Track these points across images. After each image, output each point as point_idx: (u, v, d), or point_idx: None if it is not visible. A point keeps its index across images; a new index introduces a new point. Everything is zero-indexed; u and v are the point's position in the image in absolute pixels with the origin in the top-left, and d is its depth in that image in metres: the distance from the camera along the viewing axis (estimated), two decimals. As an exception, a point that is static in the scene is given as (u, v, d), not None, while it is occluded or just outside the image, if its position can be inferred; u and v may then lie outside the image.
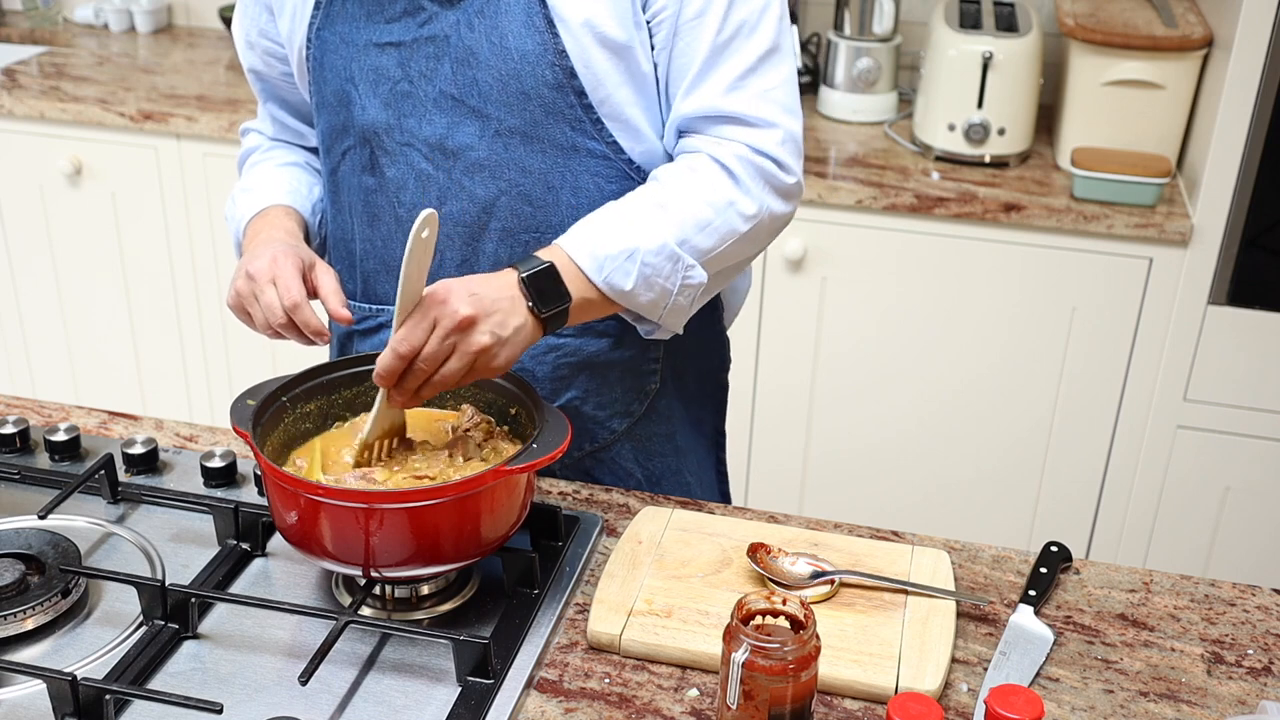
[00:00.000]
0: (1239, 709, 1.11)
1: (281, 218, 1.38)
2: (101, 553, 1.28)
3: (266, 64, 1.44)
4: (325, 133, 1.38)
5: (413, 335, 1.14)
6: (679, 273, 1.26)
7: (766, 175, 1.29)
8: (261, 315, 1.24)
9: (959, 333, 2.45)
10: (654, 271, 1.24)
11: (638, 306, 1.27)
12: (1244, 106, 2.20)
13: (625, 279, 1.23)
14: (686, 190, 1.26)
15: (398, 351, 1.14)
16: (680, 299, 1.28)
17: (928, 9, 2.76)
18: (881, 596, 1.21)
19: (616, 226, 1.24)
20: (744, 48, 1.27)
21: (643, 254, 1.23)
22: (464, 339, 1.15)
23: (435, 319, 1.14)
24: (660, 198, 1.26)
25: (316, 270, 1.27)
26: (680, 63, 1.28)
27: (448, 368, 1.15)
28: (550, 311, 1.20)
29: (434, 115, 1.30)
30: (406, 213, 1.35)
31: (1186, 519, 2.48)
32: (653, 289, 1.25)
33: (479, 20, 1.26)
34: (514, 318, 1.17)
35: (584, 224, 1.25)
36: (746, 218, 1.28)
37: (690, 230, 1.25)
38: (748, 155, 1.28)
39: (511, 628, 1.16)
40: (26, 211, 2.88)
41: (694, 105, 1.28)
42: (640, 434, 1.45)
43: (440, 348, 1.14)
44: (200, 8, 3.29)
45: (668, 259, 1.25)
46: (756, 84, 1.28)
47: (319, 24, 1.33)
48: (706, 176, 1.27)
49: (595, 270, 1.23)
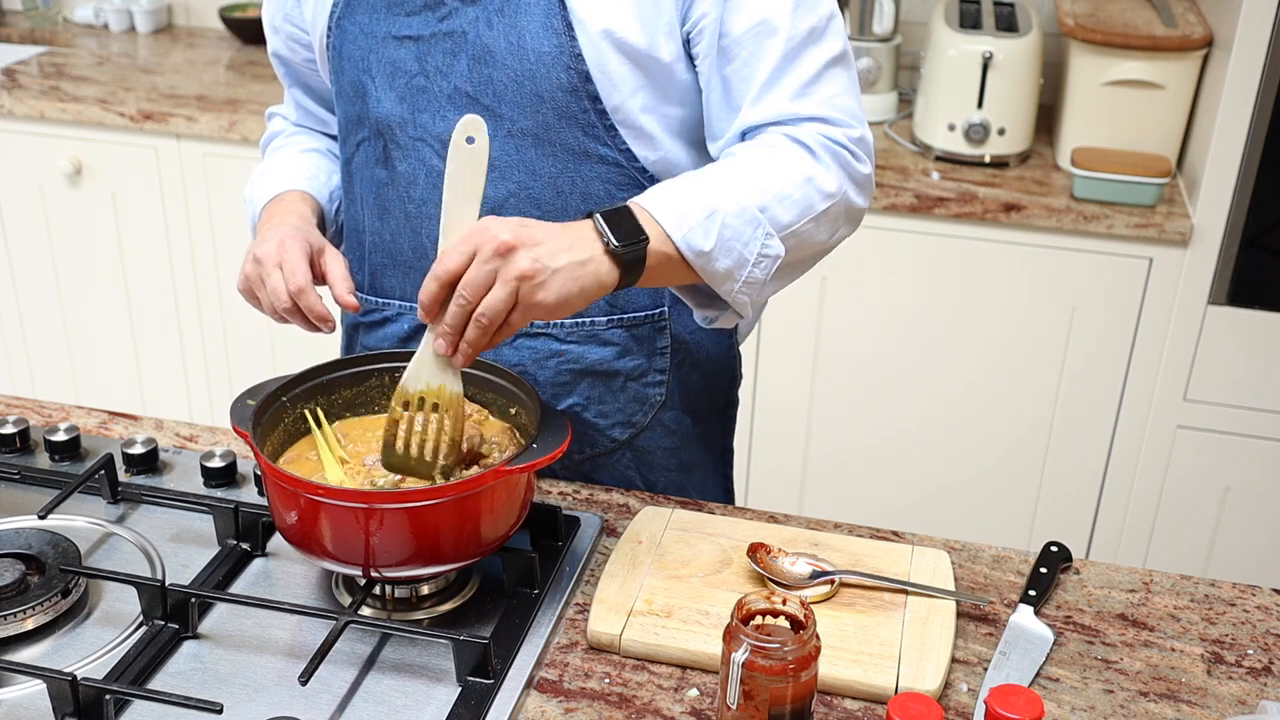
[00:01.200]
0: (1239, 709, 1.11)
1: (296, 203, 1.38)
2: (101, 553, 1.28)
3: (290, 49, 1.44)
4: (342, 123, 1.39)
5: (450, 259, 1.08)
6: (758, 239, 1.21)
7: (842, 160, 1.26)
8: (268, 299, 1.24)
9: (959, 333, 2.45)
10: (734, 235, 1.19)
11: (714, 274, 1.21)
12: (1244, 106, 2.20)
13: (705, 238, 1.18)
14: (766, 163, 1.23)
15: (434, 273, 1.08)
16: (756, 270, 1.22)
17: (928, 9, 2.76)
18: (881, 596, 1.21)
19: (695, 187, 1.20)
20: (812, 55, 1.25)
21: (723, 215, 1.19)
22: (505, 264, 1.07)
23: (476, 244, 1.09)
24: (739, 167, 1.22)
25: (325, 256, 1.26)
26: (746, 73, 1.25)
27: (492, 297, 1.07)
28: (627, 247, 1.13)
29: (448, 112, 1.30)
30: (416, 208, 1.35)
31: (1186, 519, 2.48)
32: (730, 254, 1.20)
33: (498, 18, 1.26)
34: (567, 254, 1.10)
35: (661, 186, 1.21)
36: (825, 195, 1.24)
37: (771, 199, 1.21)
38: (824, 140, 1.25)
39: (511, 628, 1.16)
40: (26, 211, 2.88)
41: (762, 113, 1.26)
42: (643, 445, 1.44)
43: (480, 273, 1.07)
44: (200, 8, 3.29)
45: (748, 223, 1.20)
46: (823, 91, 1.26)
47: (340, 13, 1.33)
48: (785, 152, 1.24)
49: (675, 225, 1.17)
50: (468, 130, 1.06)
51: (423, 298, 1.09)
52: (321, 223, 1.42)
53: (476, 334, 1.10)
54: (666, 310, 1.39)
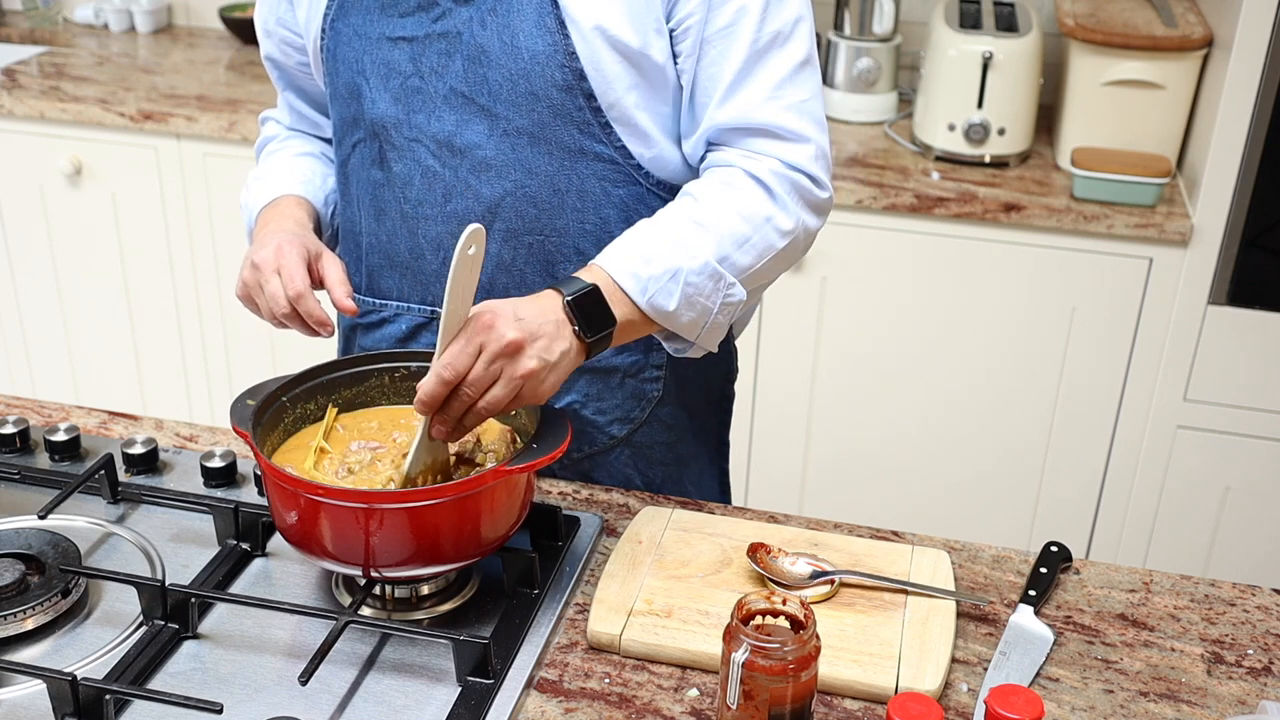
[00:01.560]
0: (1239, 709, 1.11)
1: (292, 207, 1.38)
2: (101, 553, 1.28)
3: (283, 53, 1.44)
4: (337, 124, 1.39)
5: (458, 360, 1.10)
6: (720, 291, 1.24)
7: (801, 190, 1.28)
8: (266, 305, 1.24)
9: (959, 333, 2.45)
10: (696, 291, 1.23)
11: (678, 326, 1.25)
12: (1244, 106, 2.20)
13: (669, 299, 1.22)
14: (724, 207, 1.24)
15: (442, 377, 1.10)
16: (720, 317, 1.26)
17: (928, 9, 2.76)
18: (881, 596, 1.21)
19: (657, 245, 1.22)
20: (778, 58, 1.26)
21: (686, 273, 1.21)
22: (511, 364, 1.12)
23: (481, 344, 1.10)
24: (697, 214, 1.24)
25: (323, 260, 1.27)
26: (712, 71, 1.26)
27: (493, 393, 1.12)
28: (595, 336, 1.18)
29: (443, 112, 1.30)
30: (412, 209, 1.35)
31: (1186, 519, 2.48)
32: (694, 308, 1.24)
33: (491, 18, 1.26)
34: (559, 342, 1.15)
35: (622, 243, 1.23)
36: (784, 233, 1.27)
37: (730, 247, 1.24)
38: (782, 170, 1.27)
39: (511, 628, 1.16)
40: (26, 211, 2.88)
41: (728, 115, 1.27)
42: (640, 441, 1.45)
43: (486, 373, 1.11)
44: (200, 8, 3.29)
45: (710, 277, 1.23)
46: (790, 95, 1.27)
47: (333, 15, 1.33)
48: (743, 192, 1.25)
49: (639, 291, 1.21)
50: (471, 241, 1.07)
51: (424, 398, 1.11)
52: (317, 227, 1.42)
53: (474, 421, 1.14)
54: None
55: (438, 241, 1.35)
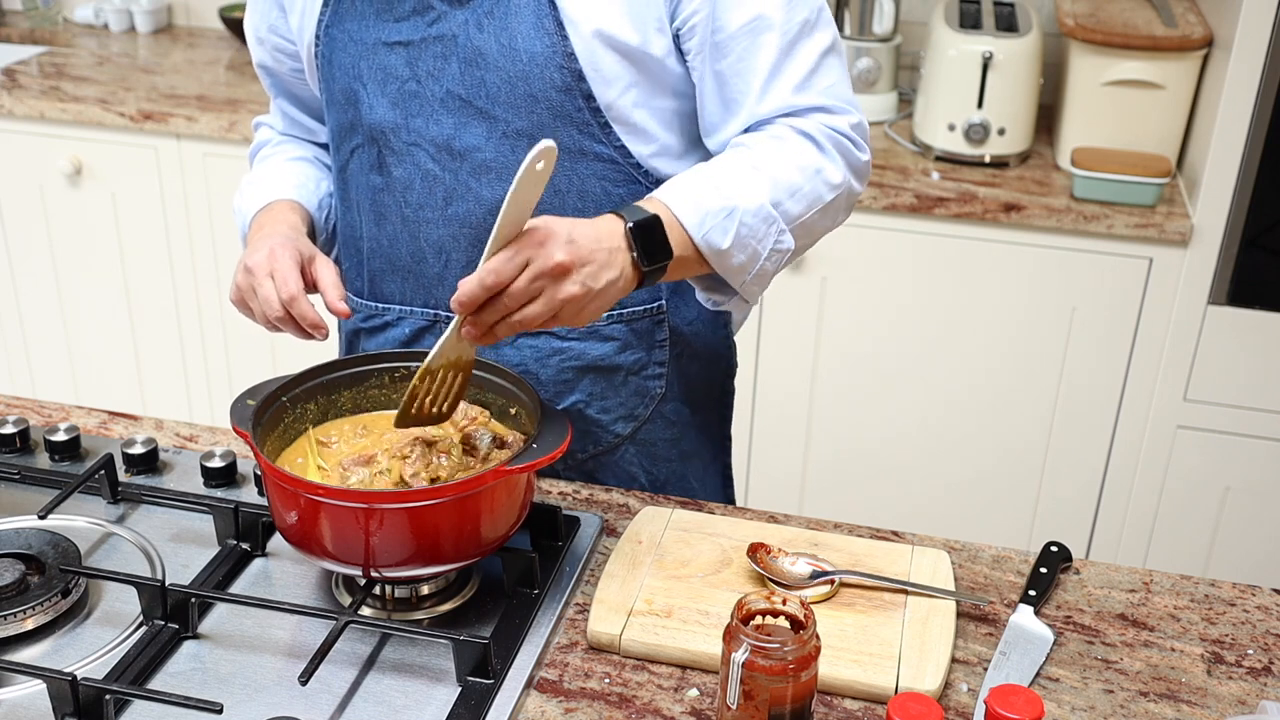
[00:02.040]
0: (1239, 709, 1.11)
1: (285, 212, 1.38)
2: (101, 553, 1.28)
3: (276, 60, 1.44)
4: (334, 130, 1.38)
5: (503, 269, 1.08)
6: (772, 235, 1.24)
7: (844, 150, 1.29)
8: (260, 308, 1.24)
9: (959, 333, 2.45)
10: (750, 232, 1.22)
11: (728, 269, 1.24)
12: (1244, 106, 2.20)
13: (723, 237, 1.21)
14: (776, 156, 1.25)
15: (484, 282, 1.08)
16: (768, 264, 1.26)
17: (928, 9, 2.76)
18: (881, 596, 1.21)
19: (714, 184, 1.22)
20: (807, 47, 1.27)
21: (741, 213, 1.21)
22: (554, 285, 1.10)
23: (529, 258, 1.09)
24: (753, 160, 1.24)
25: (316, 263, 1.27)
26: (743, 66, 1.27)
27: (530, 310, 1.10)
28: (652, 266, 1.17)
29: (441, 116, 1.30)
30: (413, 212, 1.35)
31: (1186, 519, 2.48)
32: (746, 250, 1.23)
33: (488, 21, 1.26)
34: (609, 270, 1.13)
35: (681, 180, 1.23)
36: (832, 186, 1.28)
37: (783, 193, 1.24)
38: (827, 130, 1.28)
39: (511, 628, 1.16)
40: (26, 211, 2.88)
41: (769, 107, 1.28)
42: (645, 438, 1.45)
43: (528, 288, 1.09)
44: (200, 8, 3.29)
45: (764, 220, 1.23)
46: (820, 82, 1.28)
47: (328, 21, 1.33)
48: (793, 144, 1.26)
49: (697, 226, 1.20)
50: (542, 158, 1.05)
51: (463, 296, 1.09)
52: (311, 231, 1.42)
53: (505, 331, 1.12)
54: (664, 303, 1.40)
55: (439, 245, 1.35)
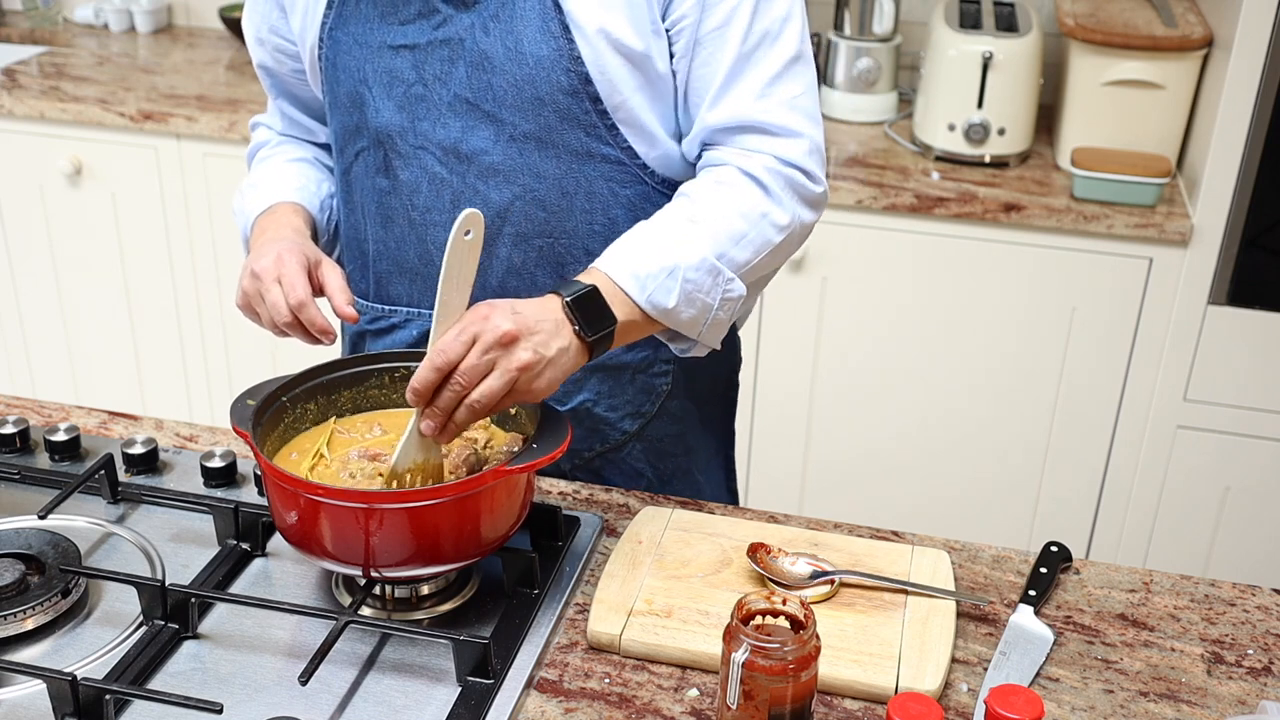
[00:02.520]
0: (1239, 709, 1.11)
1: (289, 215, 1.38)
2: (101, 553, 1.28)
3: (277, 61, 1.43)
4: (338, 133, 1.38)
5: (451, 348, 1.09)
6: (719, 286, 1.25)
7: (795, 185, 1.28)
8: (267, 314, 1.24)
9: (959, 333, 2.45)
10: (695, 287, 1.23)
11: (679, 324, 1.25)
12: (1244, 106, 2.20)
13: (668, 296, 1.22)
14: (719, 204, 1.25)
15: (434, 363, 1.09)
16: (720, 313, 1.27)
17: (928, 9, 2.76)
18: (881, 596, 1.21)
19: (654, 245, 1.22)
20: (768, 56, 1.26)
21: (684, 270, 1.22)
22: (506, 355, 1.10)
23: (476, 334, 1.10)
24: (692, 213, 1.25)
25: (322, 268, 1.27)
26: (703, 72, 1.27)
27: (487, 385, 1.10)
28: (596, 335, 1.18)
29: (448, 119, 1.30)
30: (420, 215, 1.35)
31: (1186, 519, 2.48)
32: (694, 305, 1.24)
33: (494, 24, 1.26)
34: (557, 340, 1.14)
35: (620, 245, 1.23)
36: (780, 228, 1.27)
37: (726, 244, 1.24)
38: (776, 166, 1.27)
39: (511, 628, 1.16)
40: (26, 211, 2.88)
41: (720, 116, 1.27)
42: (652, 434, 1.45)
43: (480, 362, 1.09)
44: (200, 8, 3.29)
45: (708, 273, 1.23)
46: (781, 92, 1.27)
47: (331, 24, 1.32)
48: (738, 189, 1.26)
49: (638, 290, 1.21)
50: (467, 225, 1.06)
51: (416, 385, 1.10)
52: (314, 233, 1.42)
53: (466, 417, 1.12)
54: None
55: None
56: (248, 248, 1.39)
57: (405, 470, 1.16)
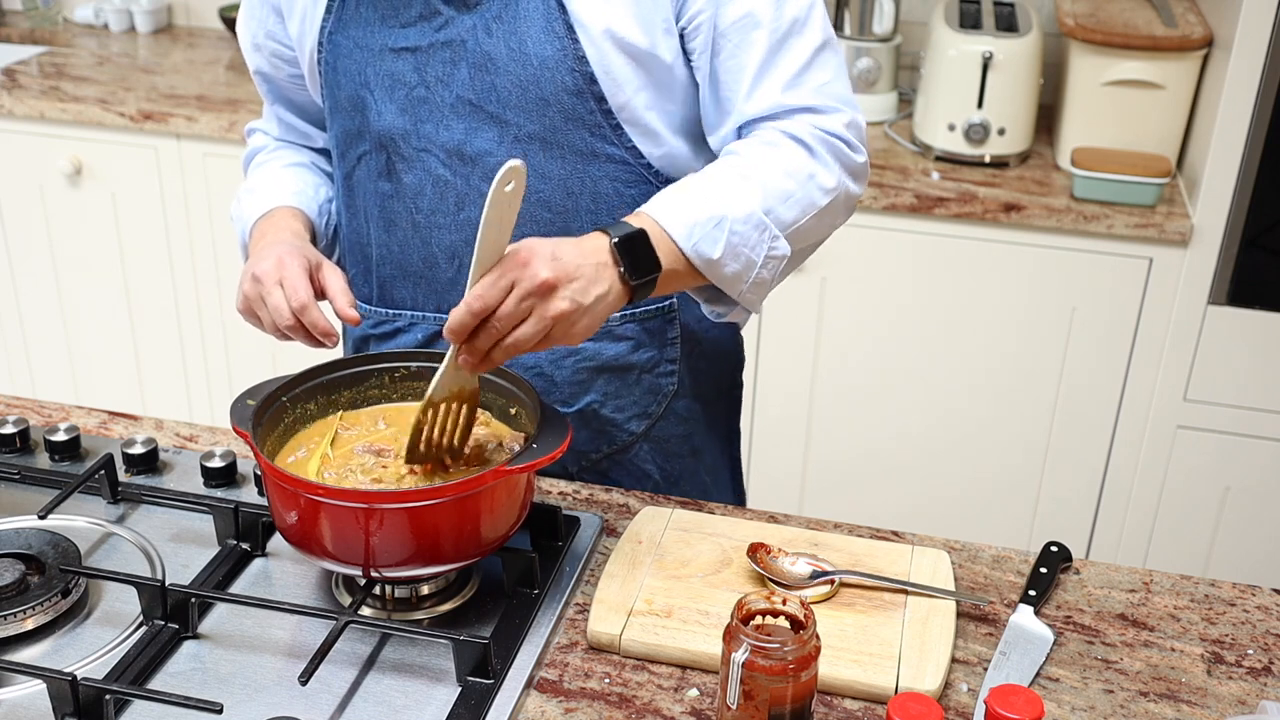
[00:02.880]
0: (1239, 709, 1.11)
1: (288, 219, 1.37)
2: (101, 553, 1.28)
3: (274, 66, 1.43)
4: (339, 137, 1.38)
5: (489, 294, 1.08)
6: (765, 242, 1.24)
7: (838, 152, 1.28)
8: (270, 318, 1.24)
9: (959, 333, 2.45)
10: (741, 240, 1.22)
11: (722, 278, 1.24)
12: (1244, 106, 2.20)
13: (714, 247, 1.21)
14: (767, 162, 1.25)
15: (471, 308, 1.08)
16: (764, 271, 1.25)
17: (928, 9, 2.76)
18: (881, 596, 1.21)
19: (703, 194, 1.22)
20: (798, 44, 1.27)
21: (731, 221, 1.21)
22: (543, 303, 1.10)
23: (514, 280, 1.09)
24: (742, 169, 1.24)
25: (324, 271, 1.26)
26: (732, 65, 1.27)
27: (522, 331, 1.10)
28: (641, 279, 1.17)
29: (451, 121, 1.30)
30: (424, 218, 1.34)
31: (1186, 519, 2.48)
32: (739, 259, 1.23)
33: (496, 25, 1.26)
34: (597, 285, 1.13)
35: (668, 192, 1.23)
36: (826, 190, 1.27)
37: (775, 200, 1.24)
38: (819, 133, 1.27)
39: (511, 628, 1.16)
40: (26, 211, 2.88)
41: (757, 107, 1.27)
42: (658, 435, 1.45)
43: (516, 309, 1.09)
44: (200, 8, 3.29)
45: (755, 227, 1.23)
46: (813, 79, 1.28)
47: (331, 28, 1.32)
48: (785, 150, 1.26)
49: (685, 237, 1.20)
50: (509, 178, 1.05)
51: (454, 324, 1.09)
52: (313, 238, 1.41)
53: (501, 356, 1.12)
54: (675, 301, 1.40)
55: (451, 250, 1.35)
56: (246, 253, 1.39)
57: (442, 400, 1.16)
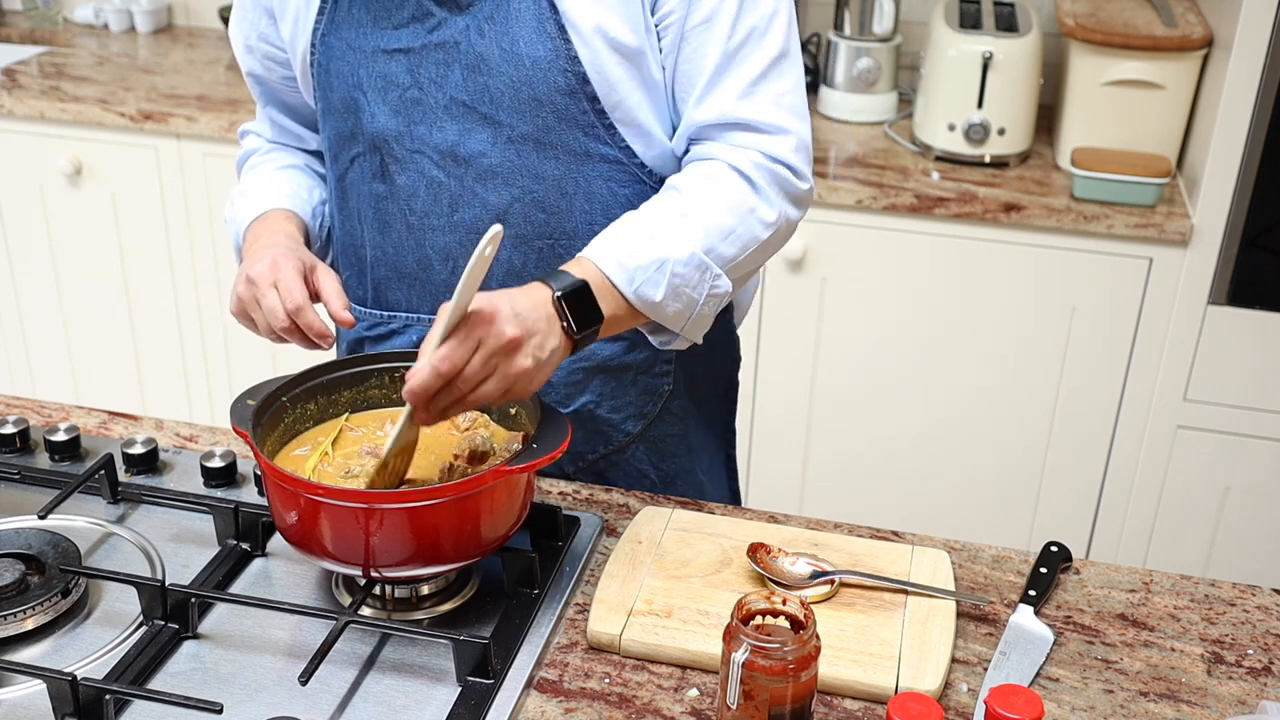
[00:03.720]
0: (1239, 709, 1.11)
1: (281, 221, 1.37)
2: (101, 553, 1.28)
3: (266, 68, 1.43)
4: (332, 139, 1.38)
5: (455, 355, 1.08)
6: (706, 282, 1.25)
7: (782, 182, 1.28)
8: (264, 320, 1.24)
9: (959, 333, 2.45)
10: (683, 281, 1.23)
11: (664, 318, 1.25)
12: (1244, 106, 2.20)
13: (655, 290, 1.22)
14: (708, 199, 1.25)
15: (439, 370, 1.08)
16: (705, 309, 1.27)
17: (928, 9, 2.76)
18: (881, 596, 1.21)
19: (643, 236, 1.22)
20: (754, 54, 1.26)
21: (672, 264, 1.22)
22: (507, 361, 1.11)
23: (480, 339, 1.10)
24: (682, 206, 1.24)
25: (318, 273, 1.27)
26: (689, 68, 1.27)
27: (484, 389, 1.11)
28: (583, 333, 1.18)
29: (445, 122, 1.30)
30: (418, 220, 1.34)
31: (1186, 519, 2.48)
32: (680, 299, 1.24)
33: (489, 26, 1.26)
34: (550, 339, 1.14)
35: (609, 235, 1.23)
36: (767, 224, 1.27)
37: (715, 239, 1.24)
38: (763, 162, 1.27)
39: (511, 628, 1.16)
40: (26, 211, 2.88)
41: (706, 113, 1.27)
42: (654, 435, 1.45)
43: (482, 368, 1.10)
44: (200, 8, 3.29)
45: (696, 268, 1.23)
46: (768, 90, 1.27)
47: (324, 30, 1.32)
48: (726, 185, 1.26)
49: (626, 283, 1.21)
50: (491, 243, 1.06)
51: (416, 387, 1.09)
52: (307, 240, 1.41)
53: (457, 411, 1.13)
54: None
55: (446, 251, 1.35)
56: (240, 256, 1.39)
57: (392, 454, 1.16)
